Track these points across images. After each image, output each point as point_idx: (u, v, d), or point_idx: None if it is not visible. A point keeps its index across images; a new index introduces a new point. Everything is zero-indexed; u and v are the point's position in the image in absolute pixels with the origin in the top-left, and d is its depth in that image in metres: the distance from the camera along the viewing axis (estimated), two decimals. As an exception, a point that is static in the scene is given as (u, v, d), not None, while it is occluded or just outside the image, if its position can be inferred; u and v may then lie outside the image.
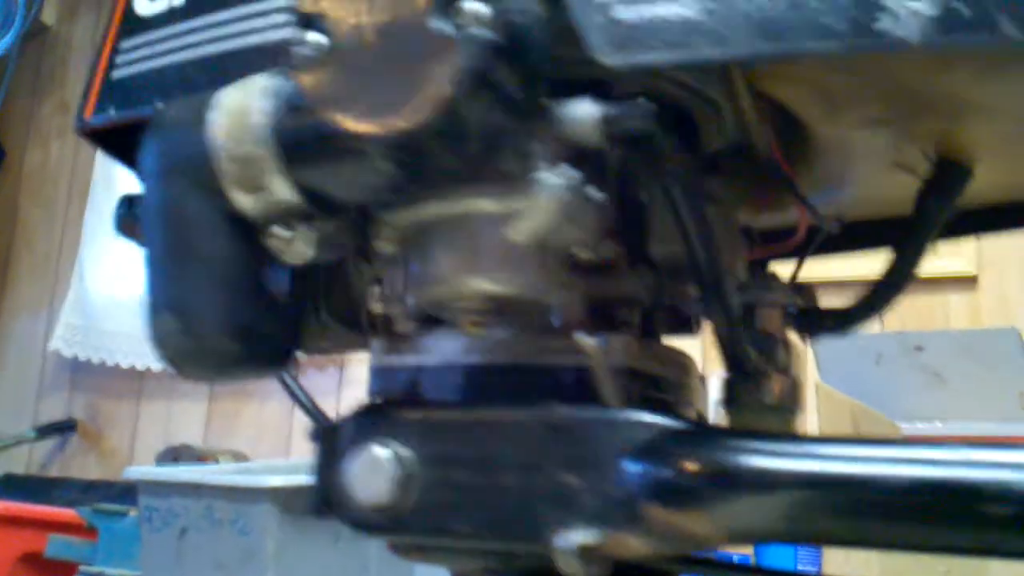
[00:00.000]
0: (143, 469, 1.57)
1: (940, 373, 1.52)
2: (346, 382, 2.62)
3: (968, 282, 1.98)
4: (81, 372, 2.99)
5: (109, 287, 2.92)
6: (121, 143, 0.59)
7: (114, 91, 0.57)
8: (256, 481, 1.39)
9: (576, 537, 0.42)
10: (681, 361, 0.54)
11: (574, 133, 0.43)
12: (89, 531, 1.73)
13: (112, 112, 0.57)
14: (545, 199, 0.43)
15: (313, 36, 0.42)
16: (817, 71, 0.48)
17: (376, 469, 0.46)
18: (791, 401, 0.58)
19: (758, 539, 0.41)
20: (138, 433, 2.89)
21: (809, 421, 1.50)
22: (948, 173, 0.58)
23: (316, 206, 0.46)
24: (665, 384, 0.52)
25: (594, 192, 0.44)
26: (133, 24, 0.58)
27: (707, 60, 0.41)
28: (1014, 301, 1.95)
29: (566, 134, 0.43)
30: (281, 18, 0.51)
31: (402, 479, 0.46)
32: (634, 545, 0.42)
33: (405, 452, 0.46)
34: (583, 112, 0.43)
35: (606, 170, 0.47)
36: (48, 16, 3.34)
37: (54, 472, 2.96)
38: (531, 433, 0.45)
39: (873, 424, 1.40)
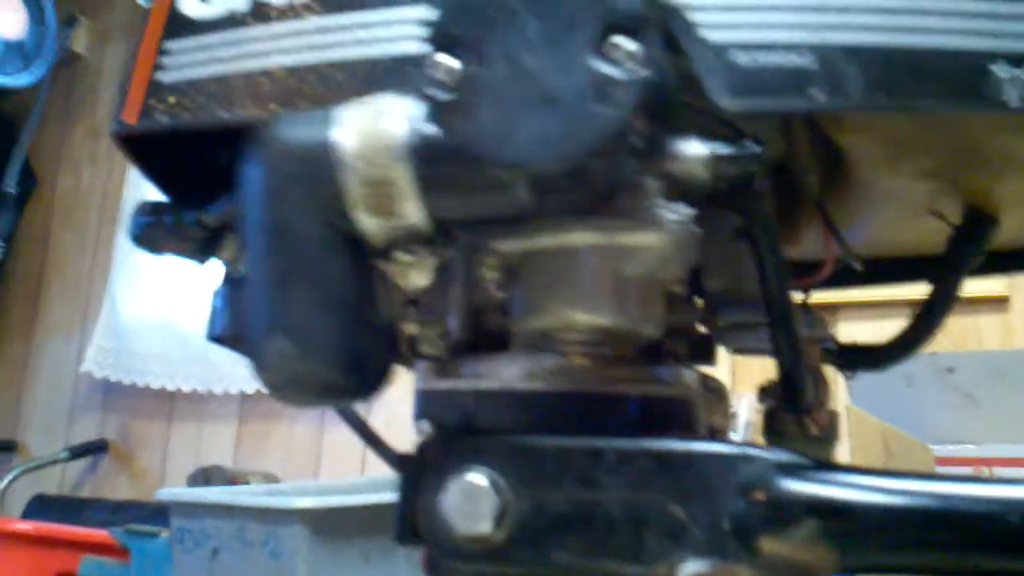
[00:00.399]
0: (175, 491, 1.58)
1: (972, 395, 1.51)
2: (375, 405, 2.62)
3: (1000, 303, 1.96)
4: (113, 393, 3.01)
5: (140, 310, 2.94)
6: (150, 151, 0.57)
7: (163, 95, 0.53)
8: (287, 502, 1.40)
9: (691, 568, 0.42)
10: (719, 388, 0.55)
11: (684, 171, 0.44)
12: (122, 552, 1.74)
13: (163, 118, 0.53)
14: (667, 235, 0.44)
15: (447, 60, 0.42)
16: (893, 123, 0.50)
17: (475, 499, 0.45)
18: (831, 432, 0.59)
19: (866, 569, 0.43)
20: (169, 454, 2.91)
21: (841, 445, 1.49)
22: (978, 221, 0.61)
23: (440, 233, 0.45)
24: (712, 411, 0.53)
25: (697, 228, 0.45)
26: (181, 25, 0.54)
27: (821, 108, 0.43)
28: (1047, 322, 1.93)
29: (675, 171, 0.44)
30: (366, 34, 0.49)
31: (502, 508, 0.45)
32: (722, 573, 0.43)
33: (503, 481, 0.46)
34: (694, 151, 0.44)
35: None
36: (79, 45, 3.39)
37: (86, 493, 2.98)
38: (637, 463, 0.45)
39: (905, 447, 1.39)
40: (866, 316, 1.82)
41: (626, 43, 0.40)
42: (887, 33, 0.43)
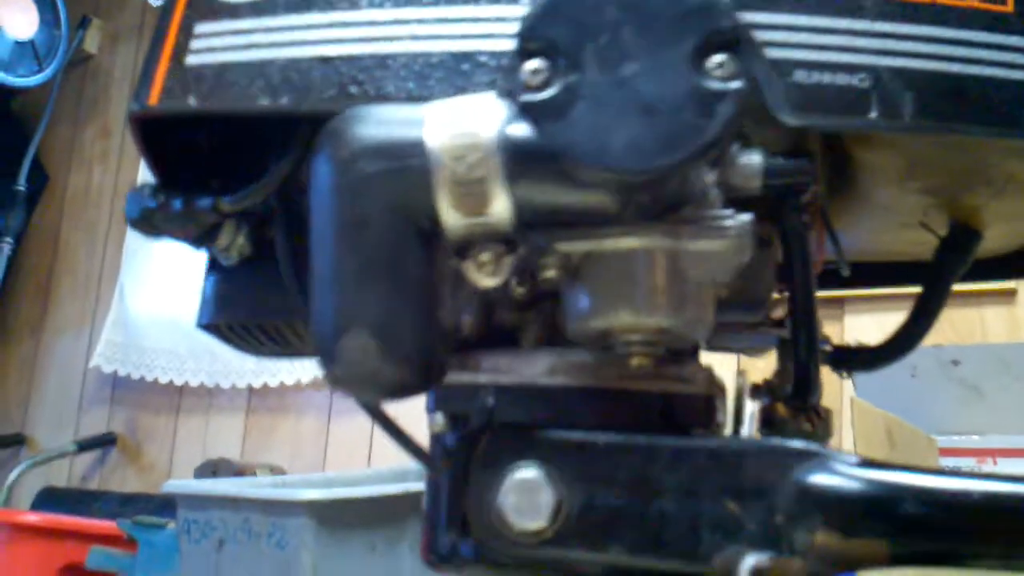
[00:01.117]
0: (182, 483, 1.58)
1: (977, 387, 1.51)
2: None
3: (1006, 295, 1.96)
4: (121, 388, 3.03)
5: (148, 306, 2.96)
6: (160, 135, 0.55)
7: (192, 78, 0.51)
8: (293, 494, 1.40)
9: (751, 562, 0.43)
10: (721, 384, 0.56)
11: (740, 179, 0.46)
12: (129, 543, 1.75)
13: (190, 100, 0.50)
14: (729, 241, 0.45)
15: (537, 63, 0.42)
16: (917, 143, 0.52)
17: (531, 494, 0.46)
18: (827, 429, 0.60)
19: (916, 561, 0.43)
20: (176, 447, 2.92)
21: (844, 435, 1.49)
22: (963, 234, 0.64)
23: (519, 232, 0.45)
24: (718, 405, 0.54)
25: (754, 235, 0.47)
26: (212, 8, 0.52)
27: (876, 129, 0.46)
28: (1053, 314, 1.93)
29: (731, 180, 0.46)
30: (424, 29, 0.49)
31: (557, 504, 0.46)
32: (795, 568, 0.43)
33: (557, 476, 0.46)
34: (752, 161, 0.46)
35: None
36: (90, 45, 3.40)
37: (94, 485, 2.99)
38: (692, 460, 0.46)
39: (909, 438, 1.39)
40: (874, 308, 1.83)
41: (723, 57, 0.41)
42: (936, 61, 0.46)
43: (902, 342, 0.68)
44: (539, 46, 0.43)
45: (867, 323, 1.88)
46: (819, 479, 0.44)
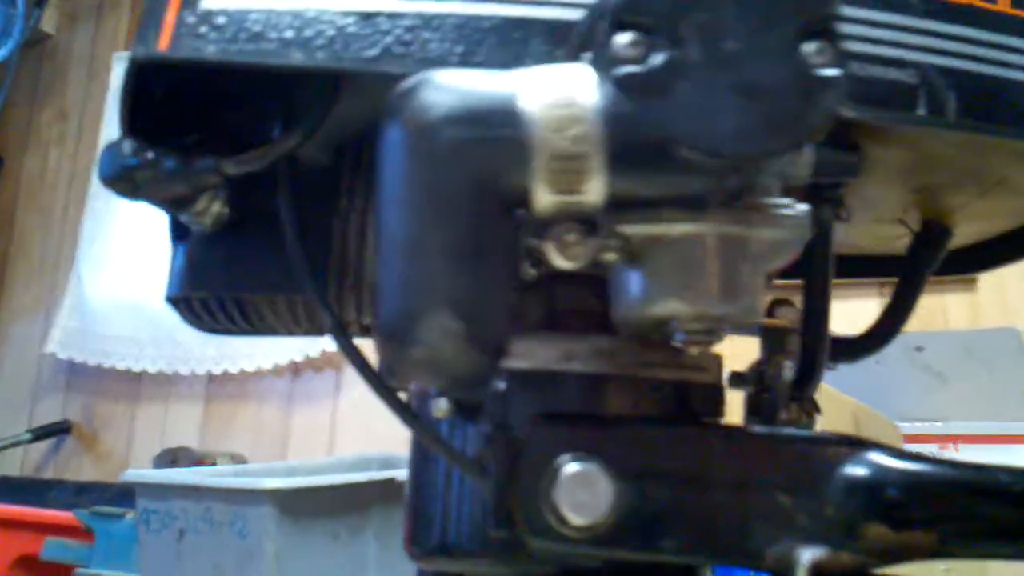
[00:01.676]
0: (141, 472, 1.56)
1: (941, 373, 1.52)
2: (343, 385, 2.62)
3: (968, 283, 1.98)
4: (77, 375, 2.99)
5: (106, 292, 2.92)
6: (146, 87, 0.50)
7: (210, 23, 0.45)
8: (255, 483, 1.39)
9: (808, 555, 0.43)
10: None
11: (792, 169, 0.46)
12: (86, 533, 1.72)
13: (208, 49, 0.44)
14: (797, 229, 0.45)
15: (635, 38, 0.40)
16: (936, 142, 0.52)
17: (587, 488, 0.44)
18: (813, 419, 0.61)
19: (964, 553, 0.44)
20: (134, 435, 2.88)
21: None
22: (935, 231, 0.65)
23: (608, 214, 0.43)
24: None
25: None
26: None
27: (922, 124, 0.46)
28: (1013, 302, 1.95)
29: (785, 169, 0.45)
30: None
31: (614, 497, 0.44)
32: (847, 561, 0.43)
33: (615, 469, 0.45)
34: (805, 152, 0.46)
35: None
36: (48, 25, 3.34)
37: (49, 474, 2.95)
38: (744, 451, 0.46)
39: (874, 424, 1.40)
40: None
41: (822, 43, 0.41)
42: (975, 62, 0.47)
43: (879, 334, 0.68)
44: (636, 18, 0.41)
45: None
46: (867, 471, 0.44)
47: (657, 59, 0.40)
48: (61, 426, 2.93)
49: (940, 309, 1.98)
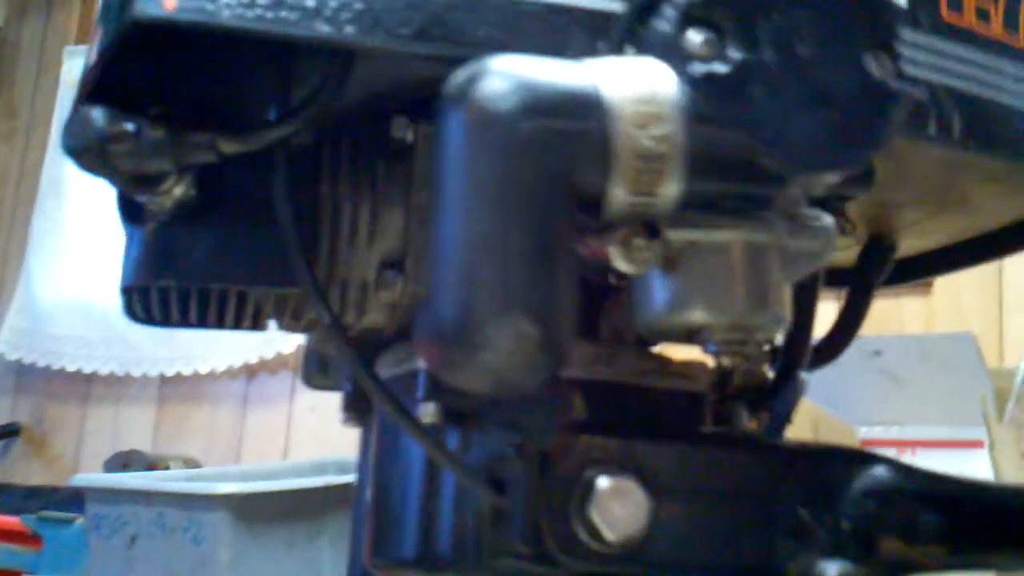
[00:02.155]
0: (91, 476, 1.54)
1: (898, 377, 1.53)
2: (299, 387, 2.59)
3: (923, 287, 2.00)
4: (26, 376, 2.93)
5: (56, 291, 2.87)
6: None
7: None
8: (209, 488, 1.37)
9: (832, 570, 0.43)
10: None
11: (816, 183, 0.46)
12: (33, 539, 1.69)
13: (223, 13, 0.39)
14: (828, 240, 0.45)
15: (707, 36, 0.39)
16: (921, 161, 0.53)
17: (626, 501, 0.43)
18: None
19: (974, 566, 0.45)
20: (84, 438, 2.84)
21: (771, 425, 1.50)
22: (881, 245, 0.66)
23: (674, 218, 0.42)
24: None
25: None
26: None
27: (931, 143, 0.47)
28: (968, 306, 1.97)
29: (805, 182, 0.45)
30: None
31: (654, 511, 0.43)
32: (861, 574, 0.44)
33: (649, 482, 0.44)
34: None
35: None
36: (-4, 17, 3.28)
37: (-4, 478, 2.90)
38: (766, 463, 0.46)
39: (832, 429, 1.40)
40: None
41: (886, 55, 0.41)
42: (975, 84, 0.47)
43: (831, 346, 0.68)
44: (709, 15, 0.39)
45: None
46: (881, 485, 0.44)
47: (730, 60, 0.39)
48: (10, 428, 2.88)
49: (896, 313, 2.00)
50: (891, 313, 2.00)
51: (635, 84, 0.38)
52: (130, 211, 0.51)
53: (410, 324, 0.51)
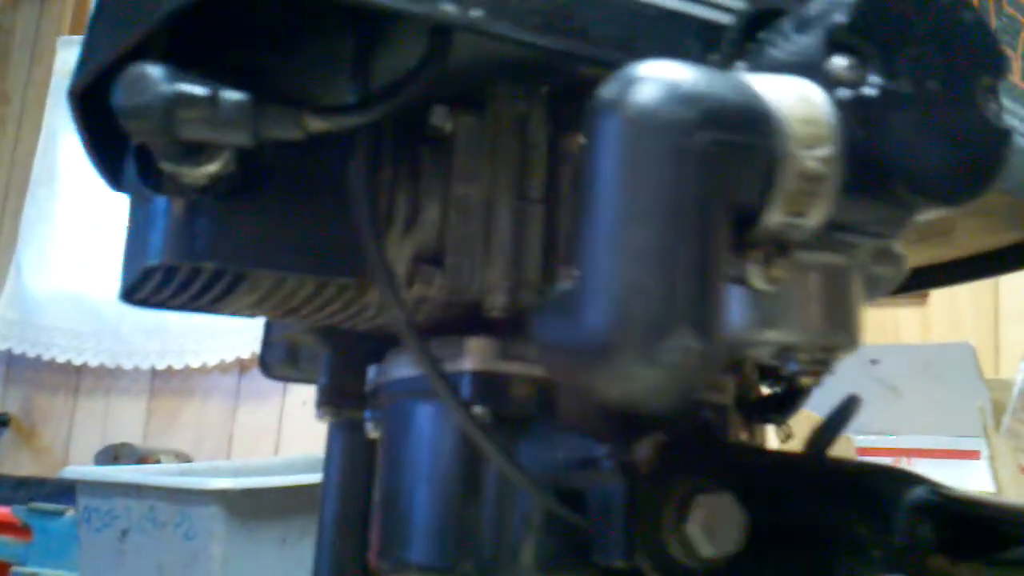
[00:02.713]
0: (83, 468, 1.53)
1: (895, 386, 1.53)
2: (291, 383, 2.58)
3: (919, 297, 2.00)
4: (16, 366, 2.92)
5: (47, 281, 2.86)
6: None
7: None
8: (201, 483, 1.36)
9: None
10: None
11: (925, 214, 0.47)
12: (23, 530, 1.68)
13: None
14: (904, 267, 0.46)
15: (852, 61, 0.39)
16: None
17: (723, 517, 0.42)
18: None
19: None
20: (74, 430, 2.82)
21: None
22: None
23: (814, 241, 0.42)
24: None
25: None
26: None
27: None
28: (964, 316, 1.98)
29: None
30: None
31: (748, 527, 0.43)
32: None
33: (741, 497, 0.43)
34: None
35: None
36: (-10, 4, 3.27)
37: (-16, 469, 2.89)
38: (828, 481, 0.46)
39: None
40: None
41: (997, 97, 0.41)
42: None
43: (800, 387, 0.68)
44: (855, 41, 0.39)
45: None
46: (927, 503, 0.44)
47: (873, 87, 0.39)
48: (-2, 419, 2.87)
49: (892, 323, 2.00)
50: (887, 323, 2.00)
51: (800, 103, 0.38)
52: (152, 181, 0.47)
53: (439, 320, 0.50)
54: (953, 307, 1.99)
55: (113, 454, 2.34)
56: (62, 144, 2.91)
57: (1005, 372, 1.79)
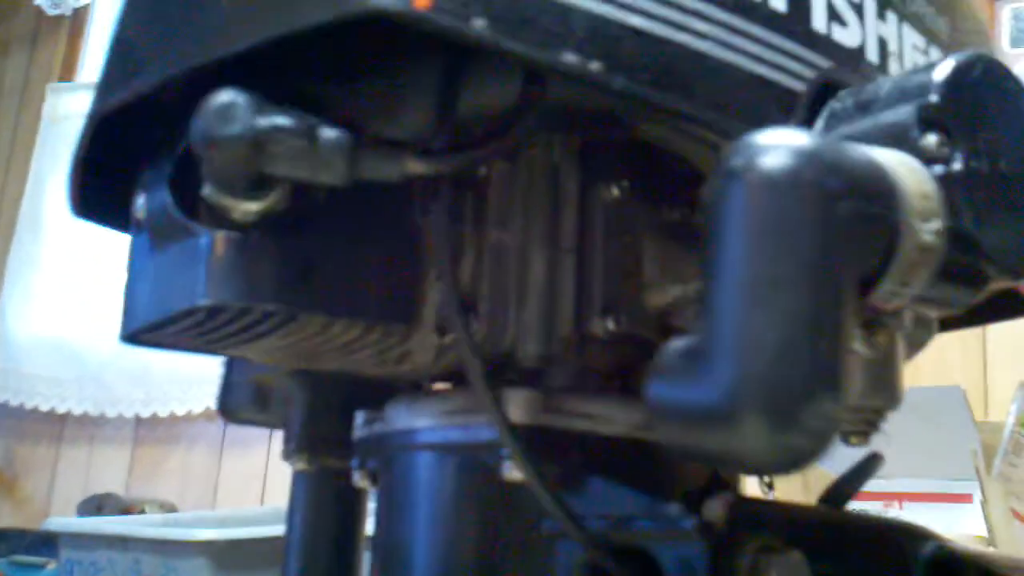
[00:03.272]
0: (65, 520, 1.51)
1: (885, 430, 1.52)
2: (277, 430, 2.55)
3: (906, 340, 2.01)
4: (-3, 415, 2.89)
5: (29, 328, 2.83)
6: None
7: None
8: (187, 534, 1.35)
9: None
10: None
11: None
12: (4, 584, 1.65)
13: (475, 23, 0.37)
14: (935, 331, 0.48)
15: (939, 140, 0.40)
16: None
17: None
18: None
19: None
20: (56, 479, 2.79)
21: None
22: None
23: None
24: None
25: None
26: None
27: None
28: (952, 361, 1.98)
29: None
30: (747, 43, 0.43)
31: None
32: None
33: (809, 558, 0.43)
34: None
35: None
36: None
37: (-36, 520, 2.84)
38: (868, 536, 0.48)
39: (821, 481, 1.39)
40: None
41: None
42: None
43: None
44: (942, 119, 0.40)
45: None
46: (938, 557, 0.47)
47: (957, 165, 0.40)
48: (-22, 468, 2.83)
49: (880, 365, 2.00)
50: (875, 365, 2.00)
51: (912, 176, 0.39)
52: (189, 213, 0.44)
53: (452, 369, 0.49)
54: (941, 353, 1.99)
55: (96, 504, 2.30)
56: (49, 190, 2.90)
57: (994, 416, 1.79)
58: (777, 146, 0.37)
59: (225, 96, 0.38)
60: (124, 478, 2.69)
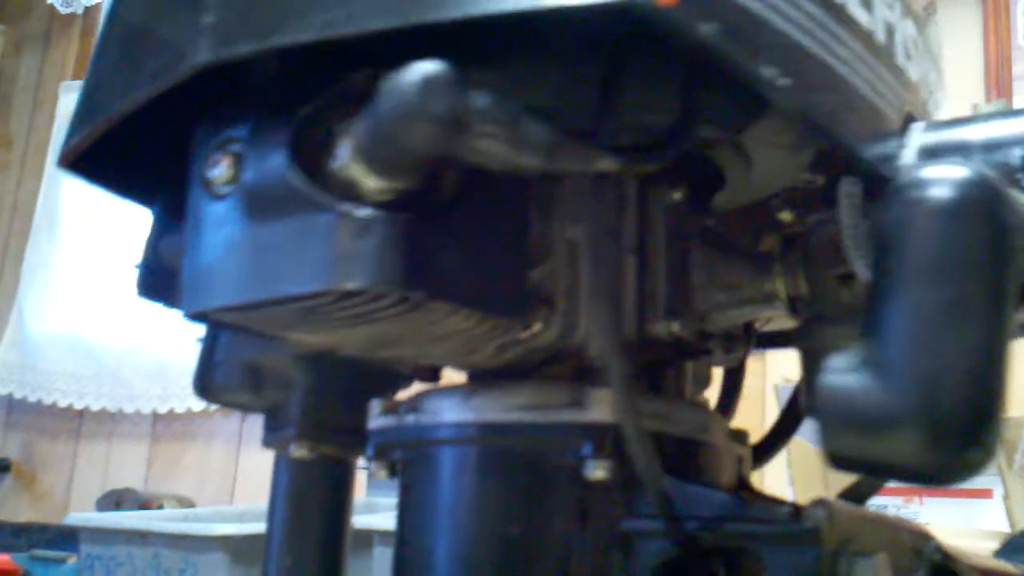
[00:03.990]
0: (86, 515, 1.51)
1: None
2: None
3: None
4: (16, 411, 2.90)
5: (48, 325, 2.85)
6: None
7: None
8: (207, 529, 1.35)
9: None
10: None
11: None
12: (24, 579, 1.66)
13: (707, 25, 0.35)
14: None
15: None
16: None
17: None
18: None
19: None
20: (75, 475, 2.80)
21: (781, 473, 1.49)
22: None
23: None
24: None
25: None
26: None
27: None
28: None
29: None
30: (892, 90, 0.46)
31: None
32: None
33: (890, 560, 0.44)
34: None
35: None
36: (-8, 51, 3.29)
37: (-15, 515, 2.86)
38: (906, 546, 0.48)
39: (842, 476, 1.39)
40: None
41: None
42: None
43: (770, 444, 0.65)
44: None
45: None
46: (937, 557, 0.49)
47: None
48: (-1, 464, 2.85)
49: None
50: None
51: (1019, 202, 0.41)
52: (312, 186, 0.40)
53: (517, 363, 0.49)
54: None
55: (115, 499, 2.31)
56: (64, 189, 2.91)
57: (1014, 411, 1.78)
58: (965, 180, 0.39)
59: (429, 67, 0.35)
60: (143, 473, 2.70)
